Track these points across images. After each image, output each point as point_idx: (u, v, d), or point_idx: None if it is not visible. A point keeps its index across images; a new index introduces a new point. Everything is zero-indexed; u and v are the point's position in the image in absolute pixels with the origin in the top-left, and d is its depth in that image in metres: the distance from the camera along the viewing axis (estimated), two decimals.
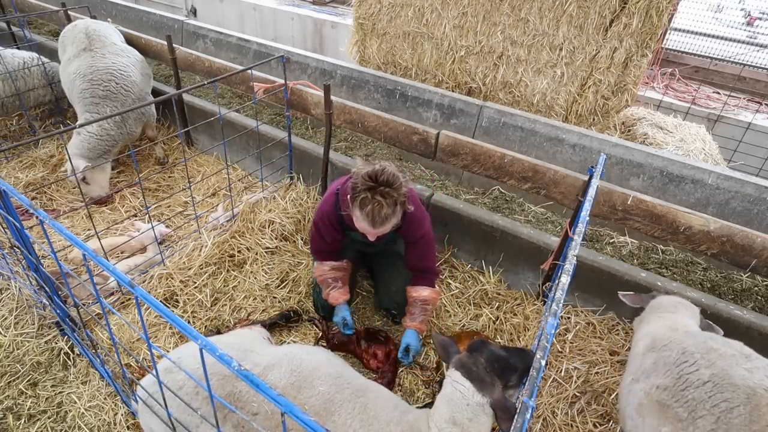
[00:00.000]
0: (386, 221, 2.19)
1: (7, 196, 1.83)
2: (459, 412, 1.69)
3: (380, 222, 2.18)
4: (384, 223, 2.19)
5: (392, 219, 2.22)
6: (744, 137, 5.34)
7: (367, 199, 2.14)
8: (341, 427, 1.72)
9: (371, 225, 2.19)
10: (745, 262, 2.48)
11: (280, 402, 0.94)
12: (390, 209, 2.17)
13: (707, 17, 7.47)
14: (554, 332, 1.32)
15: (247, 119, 4.30)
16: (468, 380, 1.71)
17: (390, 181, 2.16)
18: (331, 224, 2.60)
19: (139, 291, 1.21)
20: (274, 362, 1.86)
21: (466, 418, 1.68)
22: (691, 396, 1.66)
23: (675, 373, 1.75)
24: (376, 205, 2.14)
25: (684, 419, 1.63)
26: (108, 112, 3.84)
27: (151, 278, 3.07)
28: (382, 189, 2.14)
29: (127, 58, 4.13)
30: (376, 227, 2.20)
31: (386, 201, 2.14)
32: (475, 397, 1.68)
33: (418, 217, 2.55)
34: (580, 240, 1.80)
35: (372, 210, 2.14)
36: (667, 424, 1.67)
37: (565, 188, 2.76)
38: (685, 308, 2.19)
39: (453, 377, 1.75)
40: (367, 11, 5.14)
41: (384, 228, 2.23)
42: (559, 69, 4.42)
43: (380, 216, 2.16)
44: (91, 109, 3.82)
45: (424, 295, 2.67)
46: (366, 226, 2.22)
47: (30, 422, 2.36)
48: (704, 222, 2.49)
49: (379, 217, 2.16)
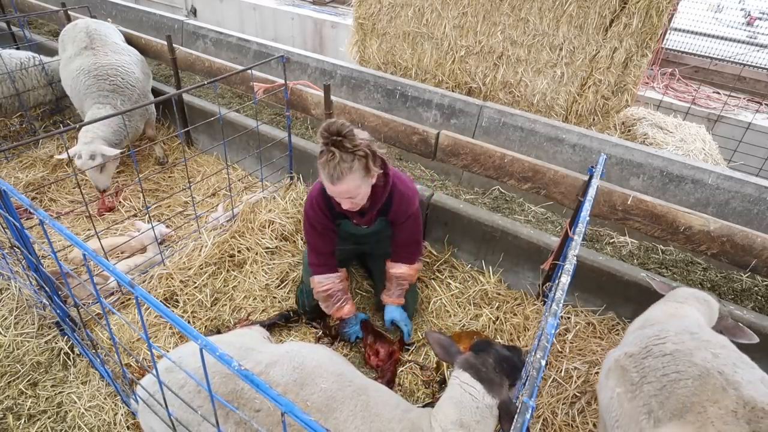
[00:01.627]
0: (343, 175, 2.09)
1: (7, 196, 1.83)
2: (467, 414, 1.68)
3: (338, 176, 2.08)
4: (342, 177, 2.09)
5: (352, 175, 2.11)
6: (744, 137, 5.34)
7: (323, 152, 2.08)
8: (343, 424, 1.72)
9: (330, 180, 2.11)
10: (745, 262, 2.48)
11: (280, 402, 0.94)
12: (347, 164, 2.07)
13: (707, 17, 7.47)
14: (554, 332, 1.32)
15: (247, 119, 4.30)
16: (478, 381, 1.70)
17: (340, 131, 2.05)
18: (320, 209, 2.55)
19: (139, 291, 1.21)
20: (276, 360, 1.86)
21: (474, 420, 1.68)
22: (648, 364, 1.71)
23: (643, 344, 1.80)
24: (330, 156, 2.05)
25: (635, 383, 1.70)
26: (118, 103, 3.88)
27: (151, 278, 3.07)
28: (334, 139, 2.05)
29: (128, 57, 4.15)
30: (334, 183, 2.11)
31: (339, 151, 2.05)
32: (486, 399, 1.68)
33: (408, 195, 2.53)
34: (580, 240, 1.80)
35: (326, 162, 2.06)
36: (621, 385, 1.75)
37: (565, 188, 2.76)
38: (697, 302, 2.13)
39: (462, 378, 1.73)
40: (367, 11, 5.14)
41: (346, 184, 2.12)
42: (559, 69, 4.43)
43: (337, 169, 2.06)
44: (101, 101, 3.82)
45: (401, 271, 2.72)
46: (328, 184, 2.15)
47: (30, 422, 2.36)
48: (704, 222, 2.49)
49: (335, 170, 2.06)
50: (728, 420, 1.45)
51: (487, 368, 1.74)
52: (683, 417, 1.52)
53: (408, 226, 2.64)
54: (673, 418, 1.54)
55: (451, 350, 1.88)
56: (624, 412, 1.69)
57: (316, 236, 2.64)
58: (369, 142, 2.19)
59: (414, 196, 2.60)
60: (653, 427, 1.57)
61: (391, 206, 2.52)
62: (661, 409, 1.58)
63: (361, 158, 2.12)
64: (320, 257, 2.70)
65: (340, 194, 2.22)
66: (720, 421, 1.46)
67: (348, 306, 2.76)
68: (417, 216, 2.66)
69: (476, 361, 1.77)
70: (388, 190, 2.45)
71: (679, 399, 1.56)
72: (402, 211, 2.56)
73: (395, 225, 2.66)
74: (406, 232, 2.67)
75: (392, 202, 2.51)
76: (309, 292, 2.85)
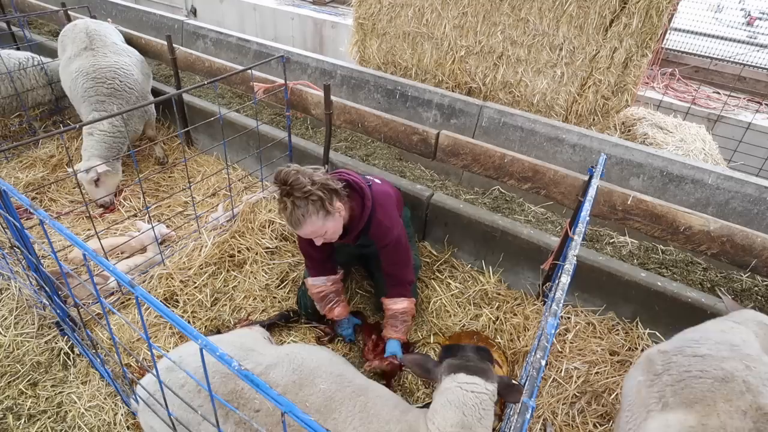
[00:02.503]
0: (301, 221, 2.15)
1: (7, 196, 1.83)
2: (471, 413, 1.68)
3: (295, 223, 2.16)
4: (301, 223, 2.16)
5: (309, 219, 2.16)
6: (744, 137, 5.34)
7: (280, 203, 2.18)
8: (341, 424, 1.72)
9: (291, 226, 2.21)
10: (745, 262, 2.48)
11: (280, 402, 0.94)
12: (301, 209, 2.13)
13: (707, 17, 7.47)
14: (554, 332, 1.32)
15: (247, 119, 4.30)
16: (474, 376, 1.73)
17: (285, 180, 2.12)
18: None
19: (140, 291, 1.20)
20: (275, 361, 1.87)
21: (476, 419, 1.68)
22: (676, 360, 1.72)
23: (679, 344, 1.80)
24: (283, 206, 2.15)
25: (657, 374, 1.72)
26: (114, 109, 3.83)
27: (151, 278, 3.07)
28: (285, 188, 2.13)
29: (128, 58, 4.14)
30: (296, 228, 2.20)
31: (290, 200, 2.12)
32: (488, 387, 1.71)
33: (385, 225, 2.49)
34: (580, 240, 1.80)
35: (282, 210, 2.17)
36: (643, 375, 1.77)
37: (565, 188, 2.76)
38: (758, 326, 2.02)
39: (459, 380, 1.74)
40: (367, 11, 5.14)
41: (307, 228, 2.19)
42: (559, 69, 4.42)
43: (293, 216, 2.14)
44: (98, 108, 3.82)
45: (403, 306, 2.65)
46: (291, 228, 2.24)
47: (30, 422, 2.36)
48: (704, 222, 2.49)
49: (291, 218, 2.15)
50: (735, 416, 1.45)
51: (473, 361, 1.77)
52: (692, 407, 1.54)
53: (388, 252, 2.58)
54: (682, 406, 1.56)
55: (427, 366, 1.89)
56: (639, 398, 1.71)
57: (307, 246, 2.64)
58: (324, 182, 2.19)
59: (392, 227, 2.53)
60: (660, 410, 1.59)
61: (369, 231, 2.50)
62: (673, 397, 1.60)
63: (314, 201, 2.14)
64: (313, 262, 2.73)
65: (306, 236, 2.30)
66: (726, 414, 1.46)
67: (339, 308, 2.76)
68: (398, 244, 2.57)
69: (460, 360, 1.79)
70: (365, 219, 2.43)
71: (693, 392, 1.57)
72: (380, 237, 2.53)
73: (377, 247, 2.61)
74: (388, 258, 2.61)
75: (369, 229, 2.49)
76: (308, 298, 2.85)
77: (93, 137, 3.74)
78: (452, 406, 1.70)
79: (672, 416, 1.55)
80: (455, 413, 1.69)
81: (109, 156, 3.75)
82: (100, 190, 3.75)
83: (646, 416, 1.63)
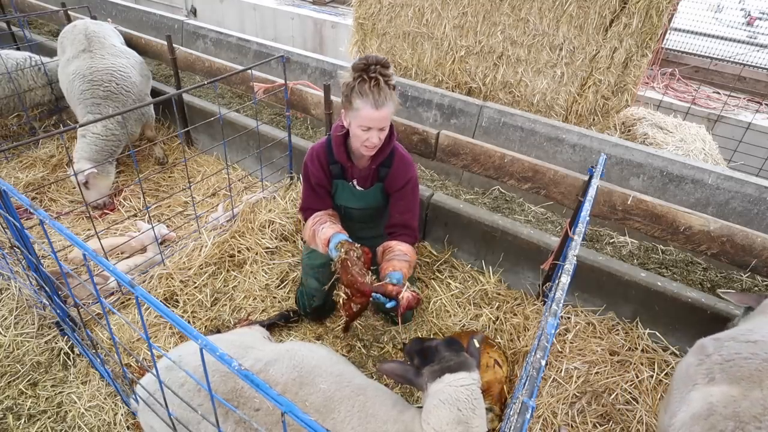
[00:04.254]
0: (387, 100, 2.20)
1: (7, 196, 1.83)
2: (465, 407, 1.71)
3: (383, 101, 2.18)
4: (386, 102, 2.20)
5: (391, 102, 2.23)
6: (744, 137, 5.34)
7: (364, 79, 2.16)
8: (340, 424, 1.73)
9: (374, 105, 2.18)
10: (745, 262, 2.48)
11: (280, 402, 0.94)
12: (389, 89, 2.19)
13: (707, 17, 7.47)
14: (554, 332, 1.32)
15: (247, 119, 4.30)
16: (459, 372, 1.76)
17: (381, 61, 2.19)
18: (319, 163, 2.57)
19: (140, 291, 1.20)
20: (275, 357, 1.87)
21: (470, 410, 1.72)
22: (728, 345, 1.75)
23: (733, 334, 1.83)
24: (374, 83, 2.15)
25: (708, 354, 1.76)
26: (110, 112, 3.82)
27: (151, 278, 3.07)
28: (375, 67, 2.17)
29: (126, 60, 4.13)
30: (379, 107, 2.19)
31: (383, 78, 2.17)
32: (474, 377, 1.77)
33: (407, 159, 2.57)
34: (580, 240, 1.80)
35: (371, 87, 2.15)
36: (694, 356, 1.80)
37: (565, 188, 2.76)
38: None
39: (447, 381, 1.75)
40: (367, 11, 5.14)
41: (387, 110, 2.22)
42: (559, 69, 4.43)
43: (382, 94, 2.17)
44: (93, 110, 3.82)
45: (404, 247, 2.53)
46: (369, 109, 2.19)
47: (30, 422, 2.36)
48: (704, 222, 2.49)
49: (381, 95, 2.17)
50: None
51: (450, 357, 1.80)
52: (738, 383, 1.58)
53: (406, 193, 2.59)
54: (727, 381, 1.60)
55: (407, 375, 1.88)
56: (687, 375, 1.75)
57: (310, 190, 2.66)
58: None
59: (413, 163, 2.60)
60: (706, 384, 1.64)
61: (391, 165, 2.53)
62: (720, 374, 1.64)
63: (394, 88, 2.24)
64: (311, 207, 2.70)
65: (380, 121, 2.25)
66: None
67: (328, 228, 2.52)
68: (415, 186, 2.61)
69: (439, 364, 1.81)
70: (391, 146, 2.49)
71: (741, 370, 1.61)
72: (401, 173, 2.55)
73: (393, 192, 2.61)
74: (404, 201, 2.60)
75: (393, 161, 2.53)
76: (309, 294, 2.85)
77: (85, 139, 3.76)
78: (446, 405, 1.72)
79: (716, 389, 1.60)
80: (450, 411, 1.71)
81: (99, 159, 3.75)
82: (91, 192, 3.76)
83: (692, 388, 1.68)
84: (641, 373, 2.61)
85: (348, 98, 2.25)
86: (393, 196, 2.63)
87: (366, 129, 2.27)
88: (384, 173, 2.58)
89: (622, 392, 2.52)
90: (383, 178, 2.59)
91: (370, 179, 2.61)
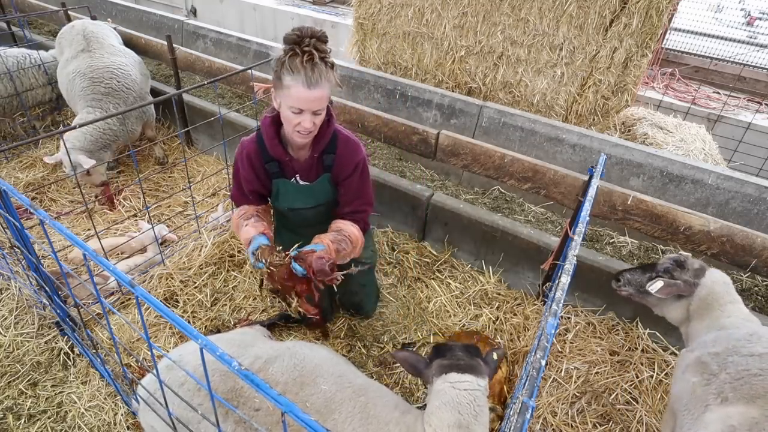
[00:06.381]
0: (321, 79, 1.89)
1: (7, 196, 1.83)
2: (466, 412, 1.68)
3: (316, 80, 1.87)
4: (319, 81, 1.89)
5: (326, 82, 1.92)
6: (744, 137, 5.34)
7: (296, 53, 1.86)
8: (341, 425, 1.72)
9: (306, 83, 1.87)
10: (745, 262, 2.48)
11: (280, 402, 0.94)
12: (324, 66, 1.88)
13: (707, 17, 7.47)
14: (554, 332, 1.32)
15: (247, 119, 4.30)
16: (466, 374, 1.72)
17: (318, 34, 1.89)
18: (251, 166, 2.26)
19: (140, 291, 1.20)
20: (276, 354, 1.86)
21: (472, 416, 1.68)
22: (732, 360, 1.71)
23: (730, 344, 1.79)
24: (308, 57, 1.85)
25: (714, 373, 1.72)
26: (111, 108, 3.83)
27: (151, 278, 3.08)
28: (309, 40, 1.87)
29: (125, 58, 4.14)
30: (311, 87, 1.88)
31: (318, 53, 1.87)
32: (480, 383, 1.70)
33: (353, 140, 2.28)
34: (580, 240, 1.80)
35: (303, 63, 1.85)
36: (698, 375, 1.76)
37: (565, 188, 2.77)
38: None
39: (451, 380, 1.73)
40: (367, 11, 5.14)
41: (321, 91, 1.92)
42: (559, 69, 4.43)
43: (316, 71, 1.86)
44: (93, 104, 3.81)
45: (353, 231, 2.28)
46: (300, 87, 1.88)
47: (30, 422, 2.36)
48: (704, 222, 2.49)
49: (315, 72, 1.86)
50: None
51: (463, 359, 1.76)
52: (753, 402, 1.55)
53: (353, 181, 2.31)
54: (742, 400, 1.57)
55: (418, 366, 1.86)
56: (695, 396, 1.71)
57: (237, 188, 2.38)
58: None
59: (360, 144, 2.31)
60: (719, 404, 1.61)
61: (335, 151, 2.24)
62: (732, 393, 1.61)
63: (331, 66, 1.94)
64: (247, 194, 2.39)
65: (313, 102, 1.95)
66: None
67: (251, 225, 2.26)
68: (365, 169, 2.33)
69: (450, 360, 1.77)
70: (331, 130, 2.19)
71: (754, 388, 1.58)
72: (348, 159, 2.26)
73: (342, 180, 2.32)
74: (353, 188, 2.32)
75: (336, 146, 2.24)
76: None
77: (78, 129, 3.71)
78: (447, 407, 1.69)
79: (732, 409, 1.57)
80: (451, 414, 1.68)
81: (92, 149, 3.72)
82: (93, 177, 3.72)
83: (704, 410, 1.64)
84: (641, 373, 2.61)
85: (277, 75, 1.93)
86: (342, 184, 2.34)
87: (297, 111, 1.96)
88: (329, 161, 2.27)
89: (622, 392, 2.52)
90: (329, 167, 2.29)
91: (315, 170, 2.30)
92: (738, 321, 1.91)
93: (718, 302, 1.95)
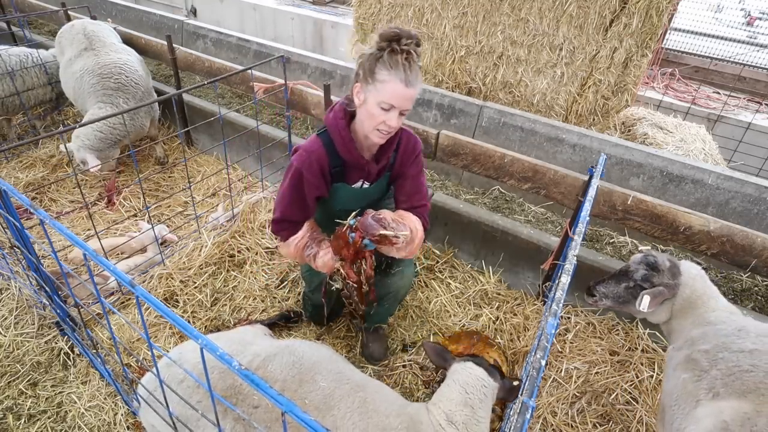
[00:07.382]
0: (417, 81, 1.91)
1: (7, 196, 1.83)
2: (473, 392, 1.84)
3: (414, 78, 1.87)
4: (416, 80, 1.90)
5: (419, 84, 1.94)
6: (744, 137, 5.34)
7: (395, 50, 1.84)
8: (341, 420, 1.73)
9: (405, 81, 1.85)
10: (745, 262, 2.48)
11: (280, 401, 0.94)
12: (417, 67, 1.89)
13: (707, 17, 7.47)
14: (554, 332, 1.33)
15: (247, 119, 4.30)
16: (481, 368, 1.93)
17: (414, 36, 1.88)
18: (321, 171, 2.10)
19: (140, 290, 1.20)
20: (275, 352, 1.87)
21: (478, 399, 1.84)
22: (722, 356, 1.72)
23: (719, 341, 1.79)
24: (406, 56, 1.84)
25: (704, 369, 1.73)
26: (121, 102, 3.86)
27: (151, 278, 3.08)
28: (407, 41, 1.86)
29: (129, 56, 4.16)
30: (409, 86, 1.87)
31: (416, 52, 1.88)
32: (489, 381, 1.90)
33: (409, 133, 2.26)
34: (580, 240, 1.80)
35: (402, 62, 1.83)
36: (689, 372, 1.78)
37: (565, 188, 2.76)
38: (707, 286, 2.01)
39: (467, 366, 1.93)
40: (367, 11, 5.14)
41: (415, 90, 1.91)
42: (559, 69, 4.43)
43: (414, 70, 1.87)
44: (105, 100, 3.82)
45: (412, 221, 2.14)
46: (398, 83, 1.86)
47: (30, 422, 2.36)
48: (704, 222, 2.49)
49: (413, 71, 1.86)
50: None
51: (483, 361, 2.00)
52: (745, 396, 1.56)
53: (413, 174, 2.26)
54: (734, 395, 1.59)
55: (446, 356, 2.10)
56: (686, 392, 1.73)
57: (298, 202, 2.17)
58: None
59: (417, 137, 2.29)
60: (711, 399, 1.62)
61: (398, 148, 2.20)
62: (724, 388, 1.62)
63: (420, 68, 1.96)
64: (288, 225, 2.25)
65: (407, 101, 1.93)
66: None
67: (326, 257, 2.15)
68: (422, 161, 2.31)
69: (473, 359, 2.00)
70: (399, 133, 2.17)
71: (745, 383, 1.59)
72: (409, 153, 2.23)
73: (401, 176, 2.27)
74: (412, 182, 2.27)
75: (401, 142, 2.20)
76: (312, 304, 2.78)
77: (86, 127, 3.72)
78: (457, 385, 1.87)
79: (724, 404, 1.58)
80: (459, 392, 1.84)
81: (102, 147, 3.74)
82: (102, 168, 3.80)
83: (696, 405, 1.66)
84: (641, 373, 2.61)
85: (370, 69, 1.87)
86: (400, 179, 2.28)
87: (387, 108, 1.90)
88: (393, 159, 2.23)
89: (622, 392, 2.52)
90: (391, 165, 2.24)
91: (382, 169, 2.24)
92: (723, 315, 1.91)
93: (701, 299, 1.95)
